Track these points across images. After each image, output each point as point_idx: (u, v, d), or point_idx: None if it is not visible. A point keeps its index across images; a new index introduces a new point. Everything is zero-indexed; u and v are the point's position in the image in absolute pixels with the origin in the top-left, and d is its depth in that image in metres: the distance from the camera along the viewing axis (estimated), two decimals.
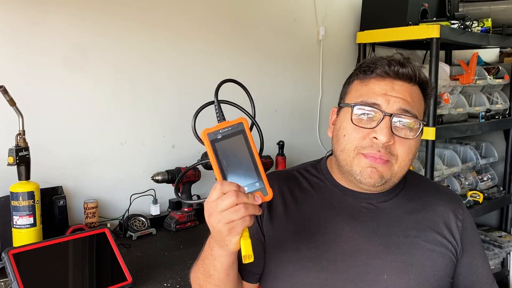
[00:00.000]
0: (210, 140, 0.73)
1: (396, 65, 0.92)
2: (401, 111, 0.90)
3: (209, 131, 0.73)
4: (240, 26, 2.24)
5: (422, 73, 0.94)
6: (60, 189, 1.66)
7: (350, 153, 0.92)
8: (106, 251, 1.33)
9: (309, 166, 1.08)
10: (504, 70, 2.88)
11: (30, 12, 1.60)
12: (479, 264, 1.03)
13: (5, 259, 1.16)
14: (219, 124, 0.74)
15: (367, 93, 0.93)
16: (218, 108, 0.80)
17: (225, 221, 0.71)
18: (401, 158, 0.91)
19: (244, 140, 0.74)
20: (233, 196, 0.69)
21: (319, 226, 0.95)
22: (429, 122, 2.29)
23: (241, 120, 0.74)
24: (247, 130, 0.74)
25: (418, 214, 0.99)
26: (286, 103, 2.47)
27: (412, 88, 0.93)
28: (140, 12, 1.88)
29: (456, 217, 1.01)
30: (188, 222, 1.84)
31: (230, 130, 0.73)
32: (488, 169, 3.06)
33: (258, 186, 0.74)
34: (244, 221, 0.71)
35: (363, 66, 0.96)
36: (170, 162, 1.94)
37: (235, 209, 0.70)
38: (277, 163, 2.23)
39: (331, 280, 0.91)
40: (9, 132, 1.46)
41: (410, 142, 0.92)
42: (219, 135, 0.73)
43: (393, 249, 0.93)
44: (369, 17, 2.65)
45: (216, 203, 0.71)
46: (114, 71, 1.82)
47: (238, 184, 0.71)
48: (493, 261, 2.89)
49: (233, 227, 0.71)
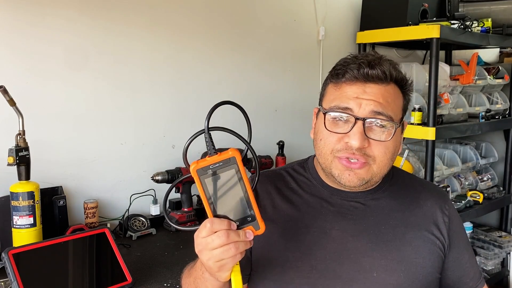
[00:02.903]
0: (199, 176, 0.71)
1: (365, 67, 0.90)
2: (373, 114, 0.89)
3: (199, 166, 0.70)
4: (240, 26, 2.24)
5: (396, 71, 0.92)
6: (60, 189, 1.66)
7: (328, 157, 0.93)
8: (106, 251, 1.33)
9: (296, 165, 1.09)
10: (504, 70, 2.88)
11: (30, 12, 1.60)
12: (466, 258, 1.04)
13: (5, 259, 1.16)
14: (209, 159, 0.71)
15: (339, 97, 0.92)
16: (208, 139, 0.74)
17: (215, 260, 0.71)
18: (378, 159, 0.91)
19: (236, 175, 0.71)
20: (224, 236, 0.69)
21: (307, 226, 0.95)
22: (429, 122, 2.29)
23: (233, 154, 0.70)
24: (239, 163, 0.71)
25: (406, 211, 0.99)
26: (286, 103, 2.47)
27: (385, 89, 0.91)
28: (140, 12, 1.88)
29: (443, 213, 1.02)
30: (188, 222, 1.84)
31: (221, 165, 0.70)
32: (488, 169, 3.06)
33: (250, 220, 0.73)
34: (235, 258, 0.71)
35: (336, 69, 0.95)
36: (170, 162, 1.94)
37: (225, 249, 0.70)
38: (277, 163, 2.23)
39: (321, 279, 0.91)
40: (9, 132, 1.46)
41: (386, 143, 0.91)
42: (210, 170, 0.70)
43: (382, 247, 0.94)
44: (369, 17, 2.65)
45: (206, 240, 0.71)
46: (114, 71, 1.82)
47: (229, 222, 0.71)
48: (493, 261, 2.89)
49: (224, 264, 0.72)
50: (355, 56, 0.94)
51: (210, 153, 0.73)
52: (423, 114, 2.36)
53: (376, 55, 0.94)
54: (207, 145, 0.74)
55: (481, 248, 2.92)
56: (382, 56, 0.94)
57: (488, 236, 2.95)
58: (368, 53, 0.95)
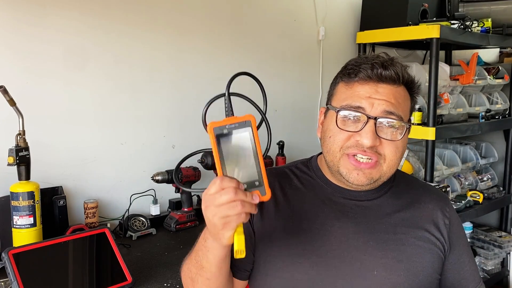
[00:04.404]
0: (215, 134, 0.72)
1: (379, 67, 0.91)
2: (385, 114, 0.91)
3: (216, 125, 0.72)
4: (240, 26, 2.24)
5: (407, 73, 0.95)
6: (60, 189, 1.66)
7: (336, 154, 0.94)
8: (106, 251, 1.33)
9: (300, 163, 1.10)
10: (504, 70, 2.88)
11: (30, 12, 1.60)
12: (466, 261, 1.05)
13: (5, 259, 1.16)
14: (226, 119, 0.73)
15: (351, 96, 0.94)
16: (228, 101, 0.78)
17: (220, 216, 0.72)
18: (389, 158, 0.93)
19: (250, 138, 0.73)
20: (232, 193, 0.70)
21: (309, 223, 0.96)
22: (429, 122, 2.29)
23: (249, 118, 0.73)
24: (254, 128, 0.73)
25: (407, 212, 1.00)
26: (286, 103, 2.47)
27: (396, 90, 0.93)
28: (140, 12, 1.88)
29: (444, 215, 1.03)
30: (188, 222, 1.84)
31: (237, 126, 0.72)
32: (488, 169, 3.06)
33: (257, 185, 0.74)
34: (240, 217, 0.72)
35: (347, 69, 0.96)
36: (170, 162, 1.94)
37: (231, 205, 0.71)
38: (277, 163, 2.23)
39: (321, 276, 0.91)
40: (9, 132, 1.46)
41: (397, 142, 0.93)
42: (225, 130, 0.72)
43: (383, 246, 0.94)
44: (369, 17, 2.65)
45: (214, 197, 0.71)
46: (114, 71, 1.82)
47: (237, 181, 0.71)
48: (493, 261, 2.89)
49: (228, 222, 0.72)
50: (367, 57, 0.95)
51: (228, 114, 0.77)
52: (423, 114, 2.36)
53: (388, 56, 0.95)
54: (226, 108, 0.77)
55: (481, 248, 2.92)
56: (394, 58, 0.95)
57: (488, 236, 2.95)
58: (379, 55, 0.96)
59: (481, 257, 2.89)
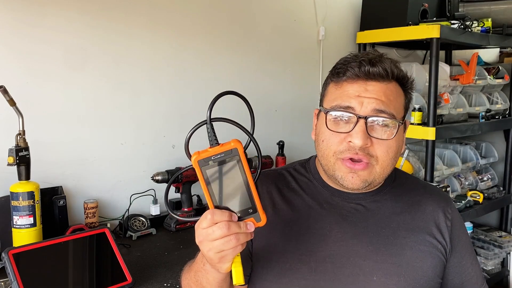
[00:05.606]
0: (200, 167, 0.69)
1: (366, 65, 0.88)
2: (375, 112, 0.88)
3: (200, 157, 0.69)
4: (240, 26, 2.24)
5: (397, 69, 0.91)
6: (60, 189, 1.66)
7: (330, 159, 0.91)
8: (106, 251, 1.33)
9: (298, 165, 1.07)
10: (504, 70, 2.88)
11: (30, 13, 1.60)
12: (469, 263, 1.02)
13: (5, 259, 1.16)
14: (211, 150, 0.70)
15: (341, 96, 0.91)
16: (210, 130, 0.73)
17: (215, 251, 0.71)
18: (381, 159, 0.89)
19: (238, 167, 0.70)
20: (225, 228, 0.69)
21: (307, 227, 0.94)
22: (429, 122, 2.29)
23: (235, 145, 0.69)
24: (241, 155, 0.70)
25: (407, 214, 0.98)
26: (286, 103, 2.47)
27: (387, 86, 0.90)
28: (140, 12, 1.88)
29: (445, 217, 0.99)
30: (188, 222, 1.84)
31: (223, 156, 0.69)
32: (488, 169, 3.06)
33: (251, 212, 0.72)
34: (236, 250, 0.71)
35: (336, 68, 0.93)
36: (170, 162, 1.94)
37: (226, 240, 0.69)
38: (277, 163, 2.23)
39: (320, 281, 0.89)
40: (9, 132, 1.46)
41: (389, 142, 0.89)
42: (211, 161, 0.69)
43: (383, 250, 0.92)
44: (369, 17, 2.65)
45: (207, 231, 0.70)
46: (114, 71, 1.82)
47: (230, 213, 0.70)
48: (493, 261, 2.89)
49: (224, 255, 0.71)
50: (356, 55, 0.93)
51: (212, 144, 0.72)
52: (423, 114, 2.36)
53: (377, 53, 0.92)
54: (209, 136, 0.73)
55: (481, 248, 2.92)
56: (383, 54, 0.93)
57: (488, 236, 2.95)
58: (369, 52, 0.94)
59: (481, 257, 2.89)
